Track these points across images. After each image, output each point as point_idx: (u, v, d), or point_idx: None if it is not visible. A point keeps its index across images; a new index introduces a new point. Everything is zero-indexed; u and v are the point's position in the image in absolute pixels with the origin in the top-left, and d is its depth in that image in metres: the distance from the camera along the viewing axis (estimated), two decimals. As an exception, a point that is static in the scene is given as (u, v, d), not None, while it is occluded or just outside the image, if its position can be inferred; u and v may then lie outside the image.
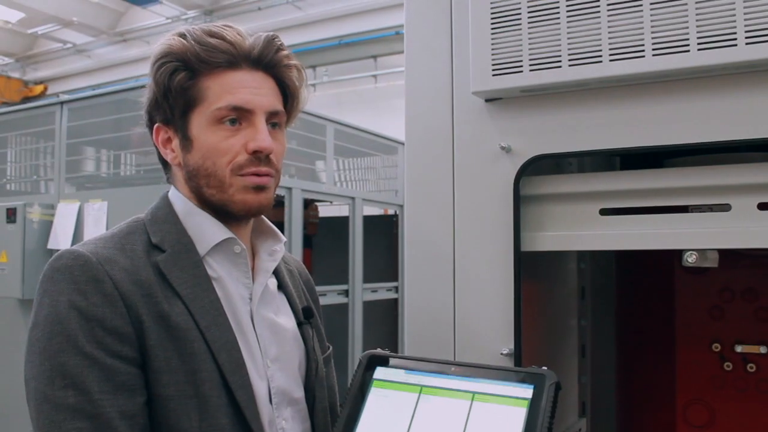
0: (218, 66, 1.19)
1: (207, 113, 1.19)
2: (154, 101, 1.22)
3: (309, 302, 1.40)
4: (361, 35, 10.64)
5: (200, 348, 1.11)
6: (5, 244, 4.32)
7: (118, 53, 13.42)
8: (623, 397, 1.92)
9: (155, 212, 1.25)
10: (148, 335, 1.09)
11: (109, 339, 1.05)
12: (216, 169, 1.18)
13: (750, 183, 1.27)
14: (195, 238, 1.21)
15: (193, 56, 1.18)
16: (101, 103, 4.32)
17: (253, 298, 1.24)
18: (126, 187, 4.34)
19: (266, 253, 1.30)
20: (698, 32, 1.21)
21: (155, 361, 1.08)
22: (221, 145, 1.18)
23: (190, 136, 1.20)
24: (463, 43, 1.45)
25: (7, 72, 14.64)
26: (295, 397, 1.25)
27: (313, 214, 5.56)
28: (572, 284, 2.01)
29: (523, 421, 1.00)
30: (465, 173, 1.47)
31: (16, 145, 4.87)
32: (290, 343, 1.28)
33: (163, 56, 1.20)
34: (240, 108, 1.19)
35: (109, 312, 1.07)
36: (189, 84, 1.19)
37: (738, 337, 1.64)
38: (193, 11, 12.15)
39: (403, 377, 1.12)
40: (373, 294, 5.14)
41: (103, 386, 1.03)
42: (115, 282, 1.09)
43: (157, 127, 1.24)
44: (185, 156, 1.22)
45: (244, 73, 1.21)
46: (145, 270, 1.14)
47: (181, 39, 1.19)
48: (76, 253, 1.11)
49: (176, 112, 1.21)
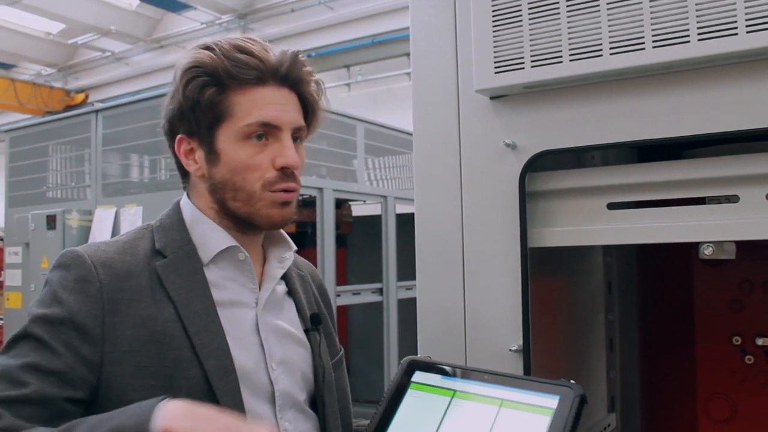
0: (248, 82, 1.21)
1: (235, 129, 1.20)
2: (179, 113, 1.23)
3: (320, 308, 1.42)
4: (393, 33, 10.64)
5: (184, 355, 1.13)
6: (46, 250, 4.45)
7: (155, 60, 13.65)
8: (647, 392, 1.91)
9: (164, 219, 1.28)
10: (121, 341, 1.11)
11: (72, 333, 1.10)
12: (245, 185, 1.21)
13: (758, 173, 1.25)
14: (199, 246, 1.24)
15: (223, 71, 1.19)
16: (136, 109, 4.41)
17: (258, 303, 1.26)
18: (161, 192, 4.42)
19: (276, 260, 1.32)
20: (698, 22, 1.19)
21: (127, 367, 1.11)
22: (251, 161, 1.20)
23: (216, 150, 1.22)
24: (467, 41, 1.46)
25: (50, 82, 15.01)
26: (299, 400, 1.27)
27: (347, 214, 5.59)
28: (599, 278, 2.00)
29: (546, 429, 1.04)
30: (472, 171, 1.48)
31: (55, 153, 5.00)
32: (296, 348, 1.30)
33: (192, 70, 1.21)
34: (268, 124, 1.21)
35: (84, 310, 1.11)
36: (218, 99, 1.20)
37: (759, 329, 1.61)
38: (227, 15, 12.30)
39: (439, 381, 1.18)
40: (408, 292, 5.15)
41: (39, 366, 1.06)
42: (102, 285, 1.14)
43: (180, 138, 1.26)
44: (210, 169, 1.24)
45: (272, 89, 1.23)
46: (141, 275, 1.17)
47: (210, 53, 1.21)
48: (76, 252, 1.17)
49: (202, 126, 1.22)
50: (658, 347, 1.85)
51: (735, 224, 1.27)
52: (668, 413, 1.79)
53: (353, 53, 11.36)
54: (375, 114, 5.54)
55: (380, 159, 5.56)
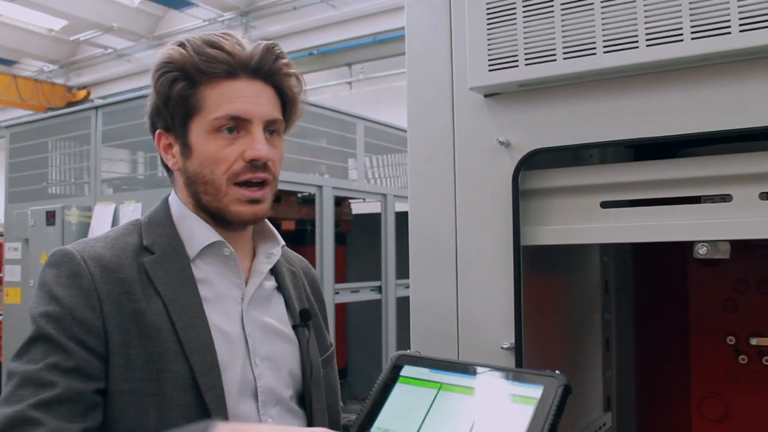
0: (217, 76, 1.22)
1: (205, 122, 1.22)
2: (156, 109, 1.27)
3: (311, 303, 1.42)
4: (395, 32, 10.64)
5: (171, 348, 1.14)
6: (45, 246, 4.45)
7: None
8: (641, 391, 1.91)
9: (152, 215, 1.30)
10: (116, 332, 1.13)
11: (77, 328, 1.11)
12: (213, 177, 1.22)
13: (751, 173, 1.25)
14: (186, 241, 1.25)
15: (192, 66, 1.22)
16: (136, 106, 4.42)
17: (244, 298, 1.26)
18: (160, 188, 4.43)
19: (264, 255, 1.33)
20: (692, 21, 1.19)
21: (119, 358, 1.12)
22: (219, 153, 1.22)
23: (189, 143, 1.24)
24: (461, 39, 1.46)
25: (51, 78, 15.03)
26: (283, 396, 1.27)
27: (346, 212, 5.60)
28: (595, 278, 2.00)
29: (529, 417, 1.06)
30: (466, 168, 1.48)
31: (55, 149, 5.00)
32: (283, 345, 1.30)
33: (163, 66, 1.24)
34: (237, 117, 1.22)
35: (82, 304, 1.13)
36: (188, 93, 1.22)
37: (753, 329, 1.61)
38: (229, 13, 12.30)
39: (427, 375, 1.20)
40: (407, 290, 5.12)
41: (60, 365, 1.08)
42: (93, 278, 1.15)
43: (159, 133, 1.29)
44: (185, 162, 1.26)
45: (243, 82, 1.24)
46: (130, 269, 1.19)
47: (181, 49, 1.23)
48: (65, 250, 1.18)
49: (176, 120, 1.25)
50: (653, 346, 1.85)
51: (728, 223, 1.26)
52: (663, 413, 1.79)
53: (355, 51, 11.36)
54: (377, 112, 5.53)
55: (380, 157, 5.56)
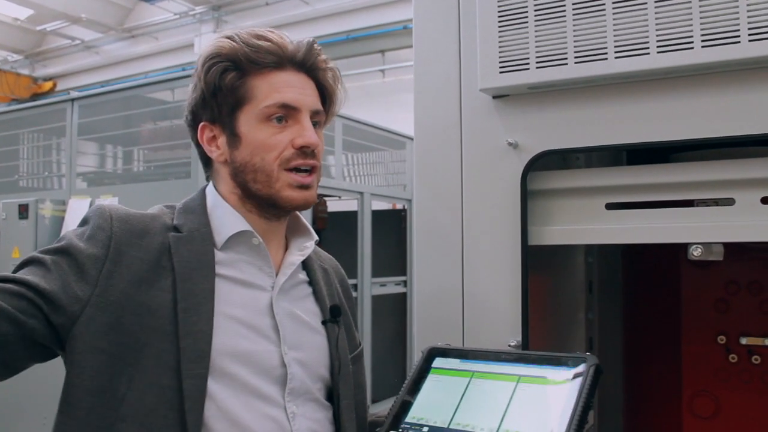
0: (266, 66, 1.26)
1: (256, 111, 1.25)
2: (201, 100, 1.28)
3: (341, 301, 1.42)
4: (368, 30, 10.64)
5: (165, 327, 1.14)
6: (17, 240, 4.36)
7: (126, 49, 13.45)
8: (630, 390, 1.95)
9: (188, 202, 1.32)
10: (111, 291, 1.13)
11: (73, 267, 1.13)
12: (264, 164, 1.24)
13: (754, 178, 1.29)
14: (215, 230, 1.27)
15: (243, 56, 1.24)
16: (111, 99, 4.35)
17: (275, 287, 1.27)
18: (136, 183, 4.38)
19: (297, 248, 1.35)
20: (702, 30, 1.23)
21: (107, 317, 1.12)
22: (269, 141, 1.24)
23: (238, 133, 1.26)
24: (470, 40, 1.48)
25: (16, 69, 14.69)
26: (312, 388, 1.27)
27: (322, 209, 5.59)
28: (580, 278, 2.03)
29: (563, 399, 1.08)
30: (473, 169, 1.50)
31: (28, 141, 4.91)
32: (311, 337, 1.30)
33: (214, 57, 1.25)
34: (287, 105, 1.25)
35: (88, 252, 1.15)
36: (238, 83, 1.25)
37: (743, 329, 1.66)
38: (200, 7, 12.16)
39: (458, 365, 1.23)
40: (382, 288, 5.16)
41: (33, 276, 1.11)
42: (113, 234, 1.17)
43: (203, 126, 1.30)
44: (232, 153, 1.27)
45: (290, 73, 1.28)
46: (154, 238, 1.21)
47: (230, 41, 1.26)
48: (101, 206, 1.22)
49: (224, 111, 1.26)
50: (643, 346, 1.89)
51: (730, 226, 1.30)
52: (653, 410, 1.83)
53: (327, 49, 11.07)
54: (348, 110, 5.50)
55: (357, 155, 5.57)
